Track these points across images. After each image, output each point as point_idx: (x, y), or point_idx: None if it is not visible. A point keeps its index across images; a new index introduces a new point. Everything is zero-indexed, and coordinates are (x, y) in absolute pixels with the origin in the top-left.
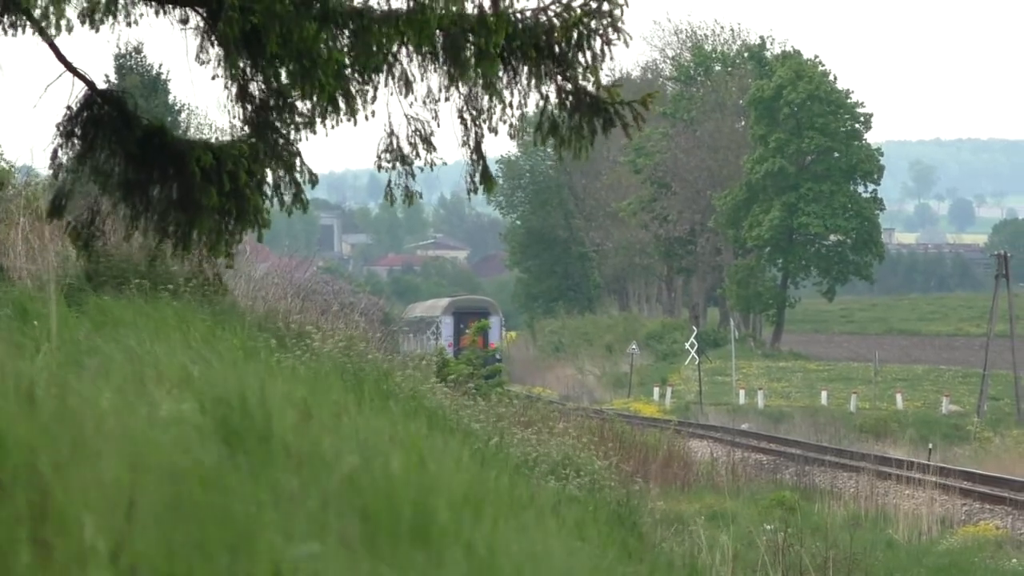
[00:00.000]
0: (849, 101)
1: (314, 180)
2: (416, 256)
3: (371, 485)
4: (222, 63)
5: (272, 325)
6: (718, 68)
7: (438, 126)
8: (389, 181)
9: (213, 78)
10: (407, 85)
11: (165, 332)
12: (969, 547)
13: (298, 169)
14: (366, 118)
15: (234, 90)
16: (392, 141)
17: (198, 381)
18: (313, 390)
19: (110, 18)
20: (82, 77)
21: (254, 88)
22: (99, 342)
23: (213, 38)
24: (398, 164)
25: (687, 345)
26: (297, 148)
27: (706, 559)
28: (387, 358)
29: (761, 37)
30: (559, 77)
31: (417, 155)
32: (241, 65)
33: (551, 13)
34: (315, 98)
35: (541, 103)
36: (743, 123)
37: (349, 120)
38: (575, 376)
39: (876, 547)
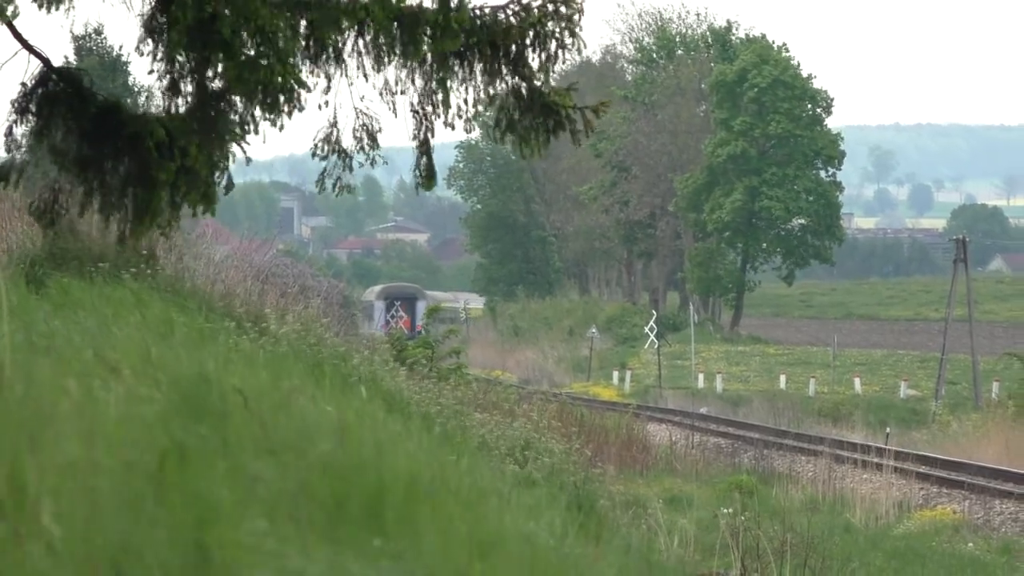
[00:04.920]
0: (812, 86)
1: (228, 187)
2: (376, 239)
3: (330, 467)
4: (162, 53)
5: (232, 308)
6: (680, 52)
7: (395, 116)
8: (323, 170)
9: (150, 72)
10: (365, 76)
11: (124, 314)
12: (926, 531)
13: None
14: (320, 107)
15: (165, 83)
16: (333, 132)
17: (156, 364)
18: (272, 373)
19: (63, 3)
20: (38, 55)
21: (187, 85)
22: (58, 323)
23: (157, 31)
24: (333, 156)
25: (646, 329)
26: (227, 149)
27: (664, 542)
28: (346, 341)
29: (728, 21)
30: (513, 77)
31: (360, 149)
32: (179, 59)
33: (509, 12)
34: (257, 95)
35: (497, 101)
36: (704, 107)
37: (294, 111)
38: (535, 360)
39: (834, 531)
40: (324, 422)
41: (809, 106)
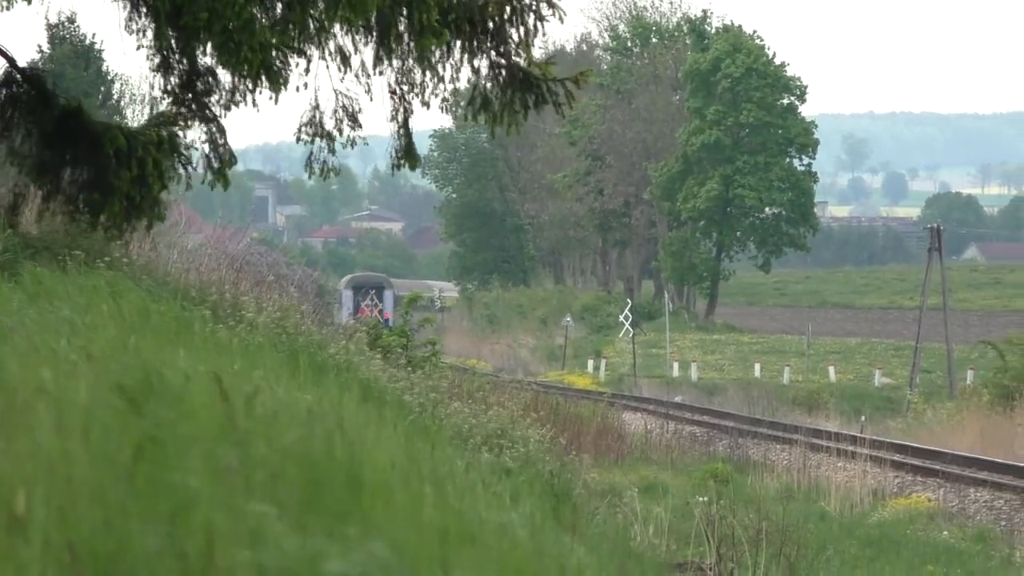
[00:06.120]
0: (786, 75)
1: (232, 161)
2: (351, 228)
3: (302, 456)
4: (147, 34)
5: (206, 296)
6: (655, 40)
7: (371, 100)
8: (310, 154)
9: (138, 48)
10: (342, 59)
11: (98, 303)
12: (901, 519)
13: (220, 145)
14: (297, 89)
15: (156, 61)
16: (315, 115)
17: (130, 353)
18: (246, 362)
19: None
20: (3, 53)
21: (178, 61)
22: (31, 313)
23: (142, 8)
24: (318, 139)
25: (621, 317)
26: (221, 124)
27: (640, 531)
28: (321, 330)
29: (704, 11)
30: (493, 52)
31: (340, 131)
32: (169, 38)
33: None
34: (242, 72)
35: (474, 78)
36: (678, 96)
37: (273, 96)
38: (509, 348)
39: (809, 519)
40: (296, 411)
41: (783, 94)
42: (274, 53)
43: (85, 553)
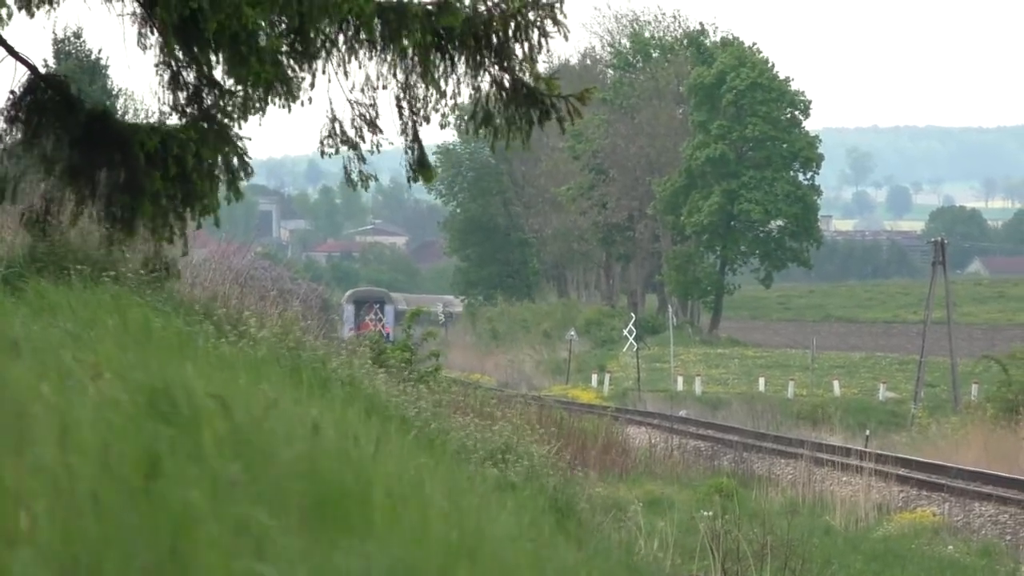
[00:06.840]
0: (790, 89)
1: (248, 172)
2: (355, 242)
3: (306, 471)
4: (158, 49)
5: (211, 311)
6: (656, 55)
7: (376, 113)
8: (346, 167)
9: (157, 65)
10: (346, 72)
11: (103, 318)
12: (906, 534)
13: (236, 158)
14: (301, 104)
15: (167, 77)
16: (335, 126)
17: (133, 368)
18: (250, 377)
19: (46, 4)
20: (24, 62)
21: (188, 75)
22: (35, 328)
23: (152, 25)
24: (343, 148)
25: (625, 332)
26: (237, 136)
27: (644, 545)
28: (325, 344)
29: (701, 24)
30: (496, 68)
31: (362, 139)
32: (178, 53)
33: (490, 3)
34: (250, 85)
35: (476, 93)
36: (681, 110)
37: (284, 106)
38: (513, 363)
39: (813, 533)
40: (301, 425)
41: (787, 109)
42: (286, 62)
43: (88, 568)
